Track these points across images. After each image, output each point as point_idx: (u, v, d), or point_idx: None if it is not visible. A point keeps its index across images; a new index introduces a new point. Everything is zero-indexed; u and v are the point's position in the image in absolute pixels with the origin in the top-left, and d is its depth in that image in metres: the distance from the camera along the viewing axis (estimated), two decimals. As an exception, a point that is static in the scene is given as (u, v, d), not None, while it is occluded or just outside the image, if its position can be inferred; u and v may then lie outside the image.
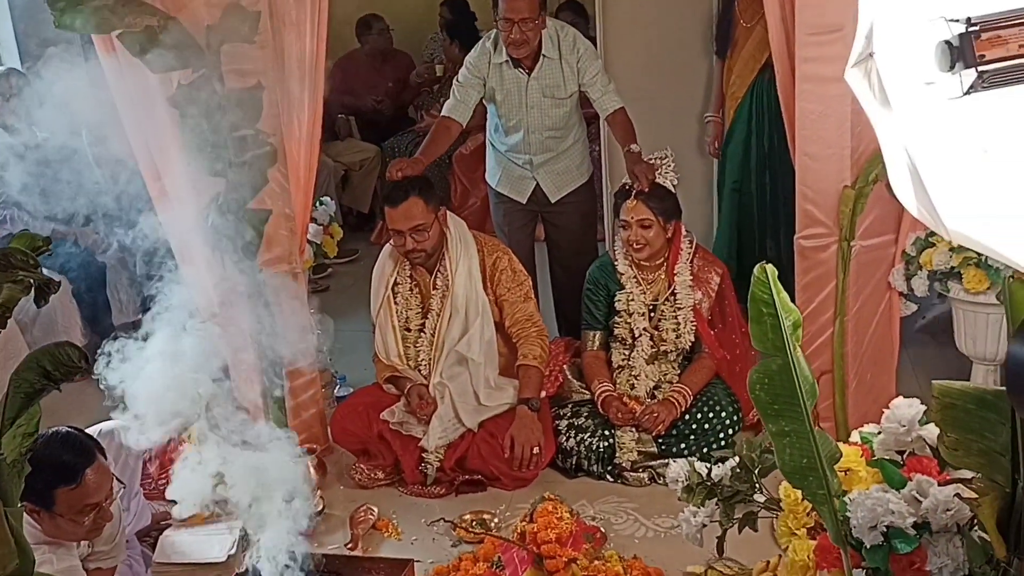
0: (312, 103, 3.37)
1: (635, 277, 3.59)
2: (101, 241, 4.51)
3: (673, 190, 3.55)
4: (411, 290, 3.61)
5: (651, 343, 3.57)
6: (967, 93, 1.62)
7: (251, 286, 3.19)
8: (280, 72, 3.28)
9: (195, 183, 3.16)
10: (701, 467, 2.11)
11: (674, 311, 3.55)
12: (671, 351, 3.57)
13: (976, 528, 1.78)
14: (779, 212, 4.23)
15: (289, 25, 3.25)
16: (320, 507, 3.34)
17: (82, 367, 1.82)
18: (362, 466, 3.54)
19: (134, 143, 3.13)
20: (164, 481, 3.40)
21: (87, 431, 2.60)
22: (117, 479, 2.56)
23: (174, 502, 3.19)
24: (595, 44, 4.26)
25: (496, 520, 3.24)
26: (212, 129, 3.09)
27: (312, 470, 3.32)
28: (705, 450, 3.38)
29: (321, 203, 4.05)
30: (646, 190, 3.47)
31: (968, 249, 3.06)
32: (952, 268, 3.09)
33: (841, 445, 1.90)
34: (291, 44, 3.27)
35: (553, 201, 4.02)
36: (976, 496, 1.70)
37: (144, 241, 3.03)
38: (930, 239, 3.14)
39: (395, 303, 3.60)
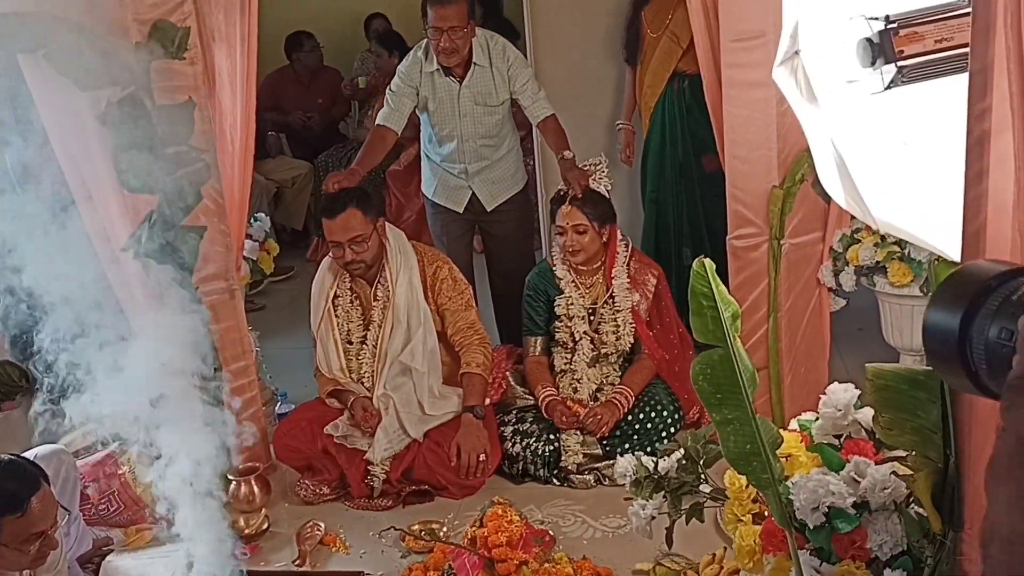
0: (244, 118, 3.35)
1: (573, 281, 3.64)
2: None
3: (607, 195, 3.62)
4: (351, 302, 3.60)
5: (592, 346, 3.62)
6: (888, 88, 1.70)
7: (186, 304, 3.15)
8: (211, 88, 3.26)
9: (127, 201, 3.12)
10: (648, 461, 2.15)
11: (613, 314, 3.60)
12: (611, 353, 3.62)
13: (912, 505, 1.85)
14: (696, 220, 4.28)
15: (219, 41, 3.23)
16: (266, 526, 3.31)
17: (23, 386, 1.79)
18: (307, 482, 3.51)
19: (63, 162, 3.07)
20: (103, 506, 3.34)
21: (26, 455, 2.54)
22: (61, 506, 2.50)
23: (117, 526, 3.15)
24: (524, 53, 4.31)
25: (445, 529, 3.23)
26: (143, 147, 3.06)
27: (256, 489, 3.29)
28: (648, 449, 3.43)
29: (256, 219, 4.02)
30: (580, 196, 3.53)
31: (892, 244, 3.18)
32: (877, 263, 3.20)
33: (781, 432, 1.96)
34: (221, 60, 3.26)
35: (489, 210, 4.05)
36: (911, 473, 1.77)
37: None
38: (855, 235, 3.24)
39: (336, 316, 3.59)
